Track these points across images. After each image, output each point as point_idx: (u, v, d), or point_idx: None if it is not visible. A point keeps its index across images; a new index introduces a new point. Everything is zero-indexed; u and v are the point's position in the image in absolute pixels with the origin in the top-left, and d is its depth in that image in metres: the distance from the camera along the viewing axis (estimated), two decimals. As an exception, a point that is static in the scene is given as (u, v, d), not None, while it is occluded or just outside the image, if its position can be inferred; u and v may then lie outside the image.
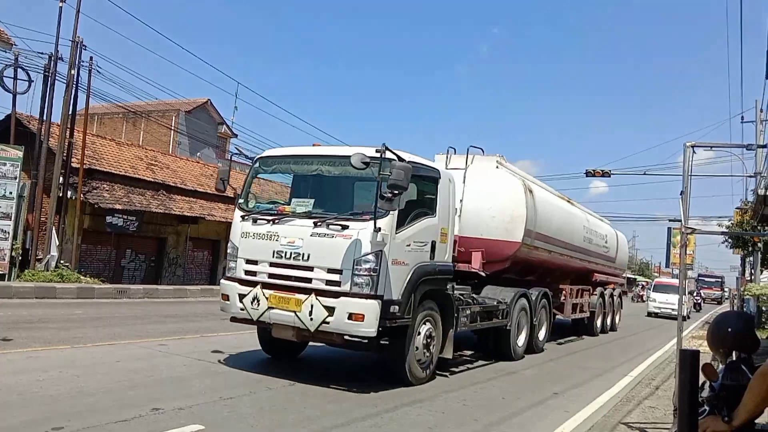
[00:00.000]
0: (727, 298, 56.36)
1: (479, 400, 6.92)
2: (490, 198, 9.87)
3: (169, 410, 5.28)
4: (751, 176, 20.83)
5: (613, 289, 17.02)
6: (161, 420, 4.97)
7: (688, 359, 1.94)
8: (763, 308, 21.63)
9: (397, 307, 6.60)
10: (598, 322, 15.57)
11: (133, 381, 6.31)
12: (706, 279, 62.61)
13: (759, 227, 16.44)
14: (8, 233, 15.91)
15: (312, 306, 6.48)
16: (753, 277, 25.98)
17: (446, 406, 6.42)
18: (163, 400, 5.57)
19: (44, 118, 17.73)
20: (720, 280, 63.47)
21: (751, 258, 25.68)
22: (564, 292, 12.86)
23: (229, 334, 10.55)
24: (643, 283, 59.51)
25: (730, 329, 2.95)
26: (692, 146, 6.17)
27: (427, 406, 6.33)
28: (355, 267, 6.40)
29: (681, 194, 6.10)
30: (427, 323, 7.40)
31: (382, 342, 6.73)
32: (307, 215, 6.94)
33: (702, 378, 2.55)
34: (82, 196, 18.56)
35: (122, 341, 8.80)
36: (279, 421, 5.26)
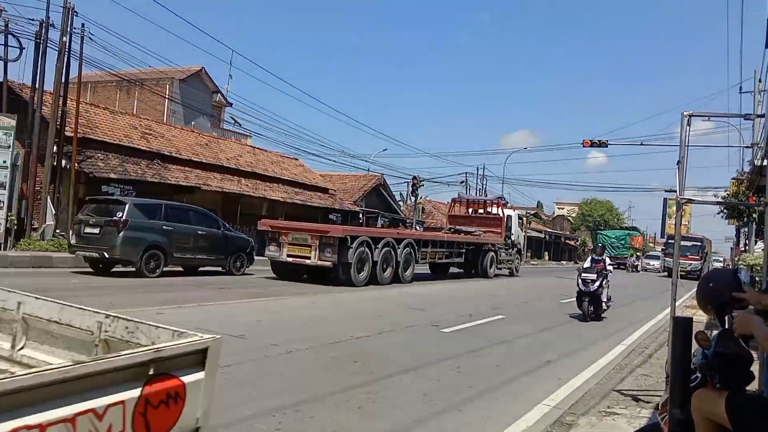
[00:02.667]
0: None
1: (473, 368, 6.99)
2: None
3: (166, 378, 5.31)
4: (747, 147, 20.75)
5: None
6: (159, 387, 5.01)
7: (680, 326, 1.95)
8: (757, 278, 21.80)
9: None
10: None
11: (130, 349, 6.34)
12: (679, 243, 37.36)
13: (756, 198, 16.44)
14: (3, 202, 15.88)
15: None
16: (747, 247, 26.15)
17: (441, 374, 6.49)
18: (160, 368, 5.61)
19: (37, 86, 17.55)
20: (699, 244, 41.34)
21: (746, 228, 25.81)
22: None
23: (226, 304, 10.62)
24: (638, 254, 60.66)
25: (712, 284, 2.95)
26: (689, 116, 6.13)
27: (422, 374, 6.40)
28: None
29: (677, 164, 6.09)
30: None
31: None
32: None
33: (695, 346, 2.58)
34: (76, 165, 18.48)
35: (120, 310, 8.82)
36: (276, 388, 5.31)
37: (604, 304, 12.74)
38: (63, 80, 18.16)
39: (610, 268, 13.13)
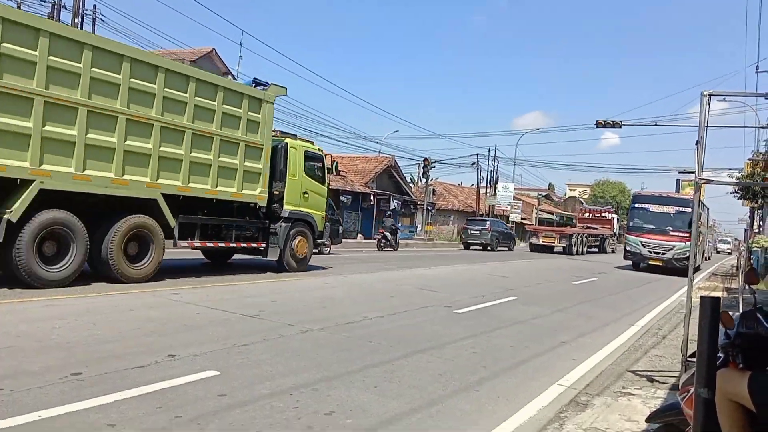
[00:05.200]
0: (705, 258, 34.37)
1: (488, 348, 7.01)
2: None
3: (184, 356, 5.38)
4: (764, 127, 20.52)
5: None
6: (177, 366, 5.07)
7: (708, 306, 1.93)
8: (771, 259, 21.66)
9: None
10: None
11: (147, 328, 6.41)
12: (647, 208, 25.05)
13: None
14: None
15: None
16: (761, 229, 25.92)
17: (456, 354, 6.52)
18: (178, 347, 5.67)
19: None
20: (686, 210, 23.63)
21: (761, 210, 25.57)
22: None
23: (242, 283, 10.70)
24: None
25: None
26: (709, 95, 6.04)
27: (437, 354, 6.42)
28: None
29: (696, 144, 6.01)
30: None
31: None
32: None
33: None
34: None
35: (135, 290, 8.92)
36: (293, 367, 5.35)
37: None
38: (75, 62, 18.21)
39: None
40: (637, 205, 25.16)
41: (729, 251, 74.59)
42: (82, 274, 9.13)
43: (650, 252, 23.73)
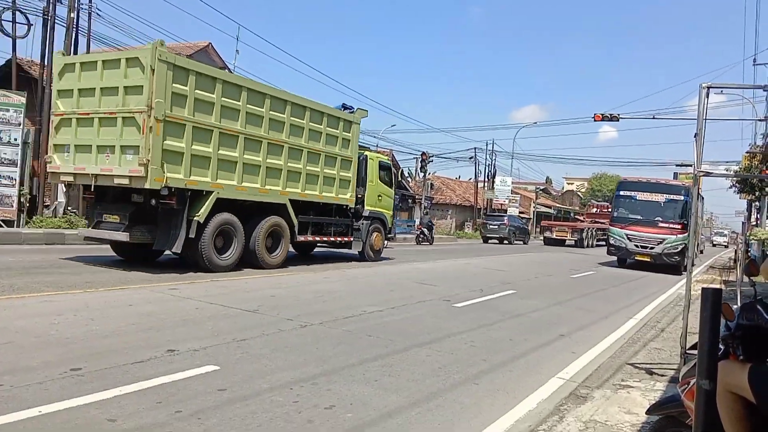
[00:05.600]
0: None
1: (487, 341, 7.02)
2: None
3: (183, 351, 5.38)
4: (761, 120, 20.57)
5: None
6: (176, 361, 5.07)
7: (710, 297, 1.93)
8: (768, 252, 21.70)
9: None
10: None
11: (146, 324, 6.41)
12: (634, 197, 22.33)
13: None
14: (15, 180, 15.94)
15: None
16: (759, 221, 25.97)
17: (455, 348, 6.52)
18: (177, 342, 5.67)
19: (46, 62, 17.49)
20: (679, 198, 21.18)
21: (758, 202, 25.61)
22: None
23: (240, 278, 10.69)
24: None
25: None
26: (708, 87, 6.03)
27: (436, 347, 6.43)
28: None
29: (695, 137, 6.01)
30: None
31: None
32: None
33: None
34: (86, 142, 18.49)
35: (134, 285, 8.92)
36: (292, 361, 5.35)
37: None
38: (71, 57, 18.10)
39: None
40: (622, 193, 22.10)
41: (725, 244, 71.08)
42: (84, 270, 9.12)
43: (637, 246, 20.93)
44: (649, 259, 20.58)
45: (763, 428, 2.63)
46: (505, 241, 36.62)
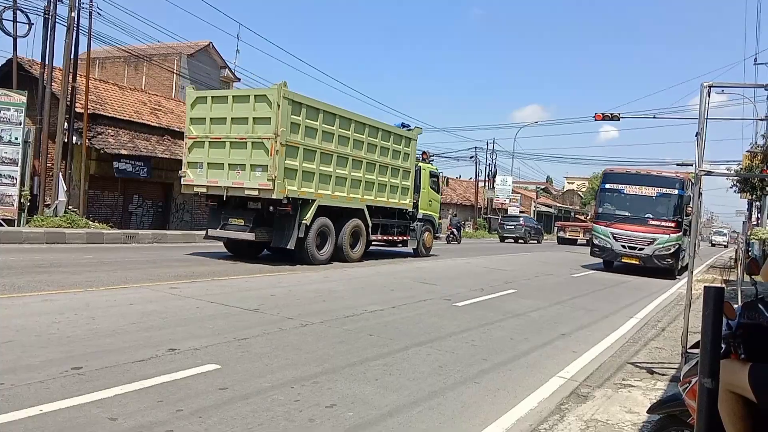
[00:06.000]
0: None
1: (487, 340, 7.02)
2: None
3: (184, 350, 5.38)
4: (762, 119, 20.55)
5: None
6: (177, 360, 5.07)
7: (712, 296, 1.93)
8: (769, 252, 21.70)
9: None
10: None
11: (147, 323, 6.41)
12: (621, 190, 19.28)
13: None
14: (16, 179, 15.96)
15: None
16: (759, 221, 25.97)
17: (455, 347, 6.52)
18: (178, 341, 5.67)
19: (46, 62, 17.50)
20: (671, 193, 18.43)
21: (759, 202, 25.60)
22: None
23: (240, 278, 10.70)
24: None
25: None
26: (709, 87, 6.03)
27: (437, 347, 6.43)
28: None
29: (696, 136, 6.00)
30: None
31: None
32: None
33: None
34: (87, 141, 18.51)
35: (134, 285, 8.92)
36: (293, 360, 5.35)
37: None
38: (72, 56, 18.11)
39: None
40: (607, 186, 19.18)
41: (725, 244, 69.01)
42: (84, 269, 9.12)
43: (624, 247, 18.28)
44: (637, 262, 18.16)
45: (764, 427, 2.63)
46: (521, 240, 38.91)
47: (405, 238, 18.01)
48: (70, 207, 17.91)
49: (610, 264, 19.49)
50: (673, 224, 17.80)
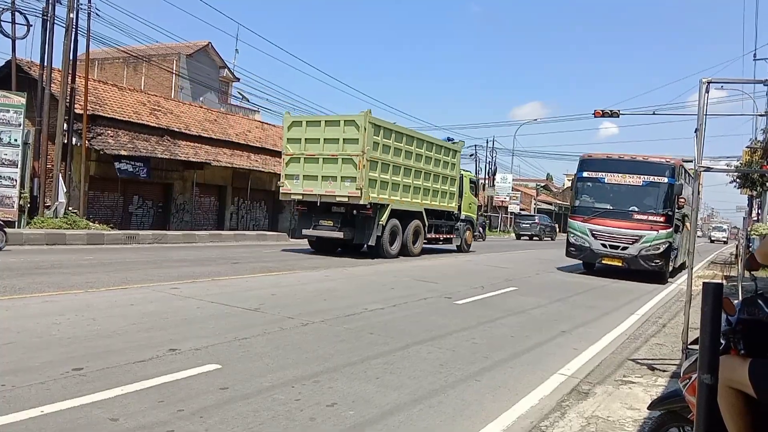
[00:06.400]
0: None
1: (488, 338, 7.02)
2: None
3: (185, 350, 5.38)
4: (761, 115, 20.55)
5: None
6: (178, 360, 5.08)
7: (711, 292, 1.93)
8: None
9: None
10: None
11: (148, 323, 6.41)
12: (601, 179, 16.34)
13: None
14: (16, 180, 15.96)
15: None
16: (760, 216, 25.97)
17: (456, 344, 6.53)
18: (179, 341, 5.67)
19: (45, 63, 17.49)
20: (660, 181, 15.52)
21: (759, 198, 25.59)
22: None
23: (240, 278, 10.70)
24: None
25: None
26: (708, 82, 6.03)
27: (438, 345, 6.43)
28: None
29: (695, 132, 6.00)
30: None
31: None
32: None
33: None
34: (87, 142, 18.50)
35: (135, 285, 8.92)
36: (294, 360, 5.36)
37: None
38: (71, 57, 18.10)
39: None
40: (585, 175, 16.23)
41: (724, 240, 66.81)
42: (85, 270, 9.11)
43: (605, 246, 15.56)
44: (620, 263, 15.56)
45: (765, 423, 2.63)
46: (535, 238, 40.84)
47: (451, 236, 21.09)
48: (70, 208, 17.91)
49: (591, 265, 16.93)
50: (662, 219, 15.05)
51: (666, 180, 15.09)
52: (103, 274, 9.90)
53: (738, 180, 25.19)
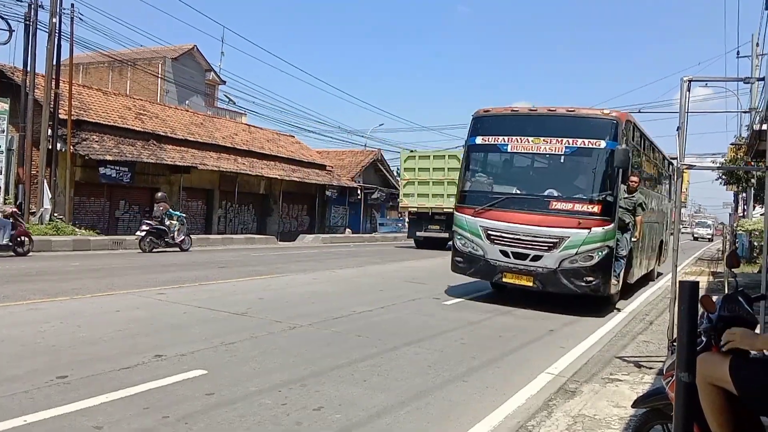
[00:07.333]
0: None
1: (476, 338, 7.04)
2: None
3: (171, 356, 5.35)
4: (745, 112, 20.73)
5: None
6: (164, 366, 5.05)
7: (687, 290, 1.94)
8: (755, 243, 21.91)
9: None
10: None
11: (134, 329, 6.37)
12: (502, 146, 9.88)
13: (753, 162, 16.46)
14: (0, 187, 15.80)
15: None
16: (746, 213, 26.23)
17: (444, 345, 6.53)
18: (165, 347, 5.64)
19: (28, 68, 17.34)
20: (586, 146, 9.06)
21: (745, 194, 25.84)
22: None
23: (226, 282, 10.65)
24: None
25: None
26: (689, 81, 6.08)
27: (426, 346, 6.44)
28: None
29: (677, 130, 6.05)
30: None
31: None
32: None
33: (700, 310, 2.58)
34: (71, 147, 18.36)
35: (121, 291, 8.86)
36: (280, 364, 5.34)
37: None
38: (54, 62, 17.96)
39: None
40: (479, 142, 10.20)
41: (709, 237, 60.39)
42: (72, 277, 9.04)
43: (506, 254, 9.42)
44: (530, 282, 9.29)
45: (745, 419, 2.66)
46: None
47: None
48: (56, 214, 17.76)
49: (492, 279, 10.04)
50: (596, 208, 9.01)
51: (604, 145, 9.04)
52: (89, 280, 9.83)
53: (723, 177, 25.41)
